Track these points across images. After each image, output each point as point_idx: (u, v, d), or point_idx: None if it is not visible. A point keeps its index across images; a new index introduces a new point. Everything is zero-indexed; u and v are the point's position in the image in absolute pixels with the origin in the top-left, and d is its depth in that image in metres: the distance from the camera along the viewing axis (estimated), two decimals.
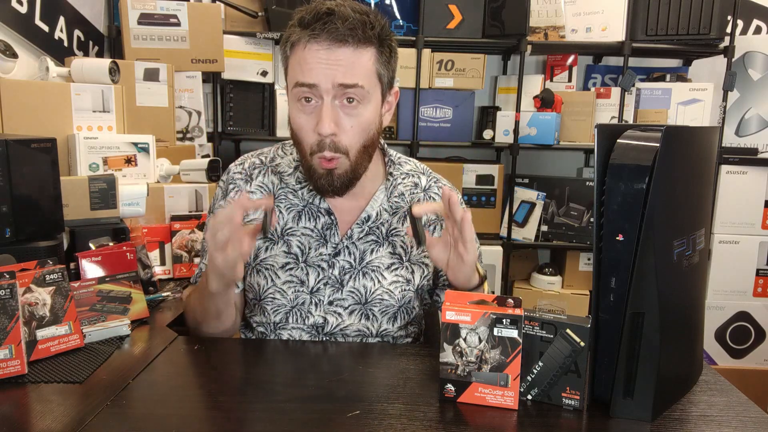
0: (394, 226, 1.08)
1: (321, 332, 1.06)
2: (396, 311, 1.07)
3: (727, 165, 2.35)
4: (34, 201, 1.06)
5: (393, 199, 1.09)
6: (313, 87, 0.93)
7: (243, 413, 0.75)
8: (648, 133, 0.73)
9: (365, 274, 1.06)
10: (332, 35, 0.91)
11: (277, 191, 1.08)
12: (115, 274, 1.07)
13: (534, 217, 2.47)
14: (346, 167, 0.98)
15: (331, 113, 0.94)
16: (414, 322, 1.13)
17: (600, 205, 0.74)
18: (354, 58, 0.93)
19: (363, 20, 0.93)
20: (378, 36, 0.95)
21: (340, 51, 0.92)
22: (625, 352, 0.74)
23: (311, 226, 1.06)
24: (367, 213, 1.07)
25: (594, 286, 0.76)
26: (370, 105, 0.98)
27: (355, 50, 0.93)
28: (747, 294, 2.42)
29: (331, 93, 0.93)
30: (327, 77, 0.92)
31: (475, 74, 2.39)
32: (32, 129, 1.37)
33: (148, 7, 2.05)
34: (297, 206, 1.07)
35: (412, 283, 1.08)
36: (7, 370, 0.82)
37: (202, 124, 2.23)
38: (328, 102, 0.94)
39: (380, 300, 1.06)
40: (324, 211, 1.06)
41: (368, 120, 0.98)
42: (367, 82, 0.95)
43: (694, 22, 2.23)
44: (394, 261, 1.07)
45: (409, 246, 1.08)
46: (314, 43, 0.92)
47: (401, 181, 1.11)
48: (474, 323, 0.75)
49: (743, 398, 0.81)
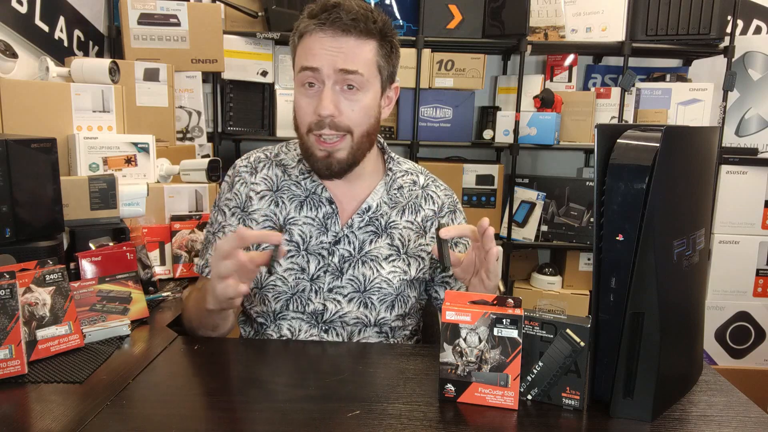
0: (393, 218, 1.11)
1: (320, 320, 1.07)
2: (393, 300, 1.09)
3: (727, 165, 2.35)
4: (34, 201, 1.06)
5: (392, 192, 1.13)
6: (315, 71, 0.99)
7: (243, 413, 0.75)
8: (648, 133, 0.73)
9: (364, 262, 1.08)
10: (336, 25, 0.98)
11: (281, 183, 1.12)
12: (115, 274, 1.07)
13: (534, 217, 2.47)
14: (348, 149, 1.03)
15: (332, 96, 0.99)
16: (411, 314, 1.14)
17: (600, 205, 0.74)
18: (356, 47, 0.99)
19: (366, 15, 0.99)
20: (380, 30, 1.01)
21: (343, 40, 0.98)
22: (625, 352, 0.74)
23: (312, 215, 1.09)
24: (367, 203, 1.10)
25: (594, 286, 0.76)
26: (369, 93, 1.02)
27: (358, 40, 0.99)
28: (747, 294, 2.42)
29: (332, 78, 0.99)
30: (329, 62, 0.98)
31: (475, 74, 2.39)
32: (32, 129, 1.37)
33: (148, 7, 2.05)
34: (299, 196, 1.10)
35: (409, 274, 1.10)
36: (7, 370, 0.82)
37: (202, 124, 2.23)
38: (329, 86, 0.99)
39: (378, 288, 1.08)
40: (326, 201, 1.09)
41: (368, 105, 1.02)
42: (367, 71, 1.00)
43: (694, 22, 2.23)
44: (392, 252, 1.10)
45: (407, 240, 1.11)
46: (320, 31, 0.99)
47: (400, 176, 1.15)
48: (474, 323, 0.75)
49: (743, 398, 0.81)
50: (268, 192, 1.11)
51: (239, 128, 2.39)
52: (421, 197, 1.15)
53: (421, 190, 1.16)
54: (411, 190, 1.15)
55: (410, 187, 1.15)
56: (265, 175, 1.12)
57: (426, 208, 1.14)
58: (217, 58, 2.14)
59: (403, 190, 1.14)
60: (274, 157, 1.15)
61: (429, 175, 1.19)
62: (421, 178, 1.17)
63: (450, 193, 1.19)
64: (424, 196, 1.15)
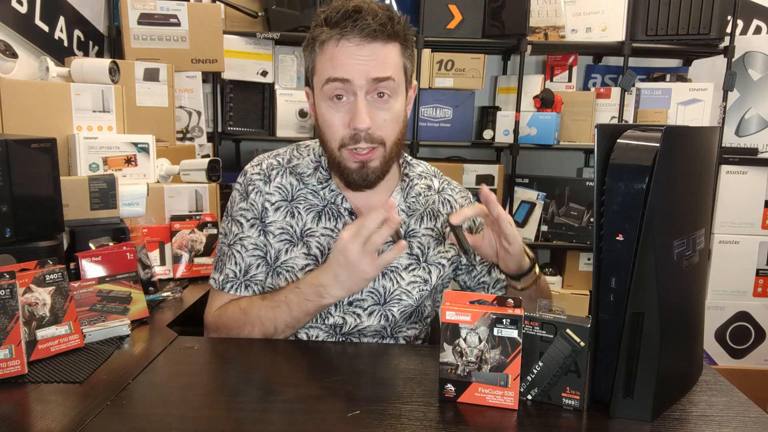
0: (412, 227, 1.09)
1: (339, 332, 1.06)
2: (413, 311, 1.08)
3: (727, 165, 2.35)
4: (34, 201, 1.06)
5: (410, 200, 1.10)
6: (346, 82, 0.94)
7: (243, 413, 0.75)
8: (648, 133, 0.73)
9: (384, 274, 1.06)
10: (364, 32, 0.93)
11: (296, 192, 1.07)
12: (115, 274, 1.07)
13: (534, 217, 2.47)
14: (381, 159, 1.00)
15: (367, 108, 0.95)
16: (425, 321, 1.14)
17: (600, 205, 0.74)
18: (384, 53, 0.95)
19: (390, 15, 0.95)
20: (403, 30, 0.97)
21: (370, 47, 0.94)
22: (625, 352, 0.74)
23: (331, 226, 1.06)
24: None
25: (594, 286, 0.76)
26: (400, 98, 1.00)
27: (385, 45, 0.95)
28: (747, 294, 2.41)
29: (364, 88, 0.95)
30: (360, 72, 0.94)
31: (475, 74, 2.39)
32: (32, 129, 1.37)
33: (148, 7, 2.05)
34: (317, 206, 1.07)
35: (429, 283, 1.08)
36: (7, 370, 0.82)
37: (202, 124, 2.23)
38: (362, 97, 0.95)
39: (398, 300, 1.06)
40: (346, 211, 1.06)
41: (399, 112, 1.00)
42: (397, 75, 0.97)
43: (694, 22, 2.23)
44: (411, 262, 1.07)
45: (426, 247, 1.08)
46: (345, 40, 0.93)
47: (416, 182, 1.12)
48: (474, 323, 0.75)
49: (743, 398, 0.81)
50: (284, 203, 1.06)
51: (239, 128, 2.39)
52: (438, 202, 1.12)
53: (437, 195, 1.13)
54: (427, 195, 1.12)
55: (426, 192, 1.12)
56: (279, 184, 1.07)
57: (444, 213, 1.12)
58: (217, 58, 2.14)
59: (420, 197, 1.11)
60: (287, 164, 1.09)
61: (443, 178, 1.17)
62: (436, 182, 1.15)
63: (466, 194, 1.17)
64: (441, 200, 1.13)
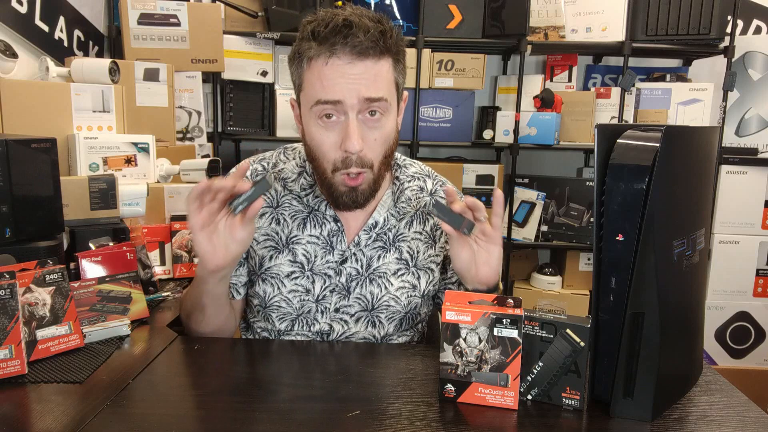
0: (401, 231, 1.06)
1: (326, 338, 1.06)
2: (402, 317, 1.07)
3: (727, 165, 2.35)
4: (34, 201, 1.06)
5: (400, 205, 1.08)
6: (337, 104, 0.90)
7: (243, 413, 0.75)
8: (648, 133, 0.73)
9: (372, 280, 1.04)
10: (356, 49, 0.88)
11: (281, 198, 1.06)
12: (115, 274, 1.07)
13: (534, 217, 2.47)
14: (370, 181, 0.97)
15: (358, 130, 0.91)
16: (417, 327, 1.13)
17: (600, 205, 0.74)
18: (375, 71, 0.90)
19: (382, 30, 0.90)
20: (395, 45, 0.93)
21: (361, 64, 0.89)
22: (625, 352, 0.74)
23: (317, 233, 1.04)
24: (374, 219, 1.05)
25: (594, 286, 0.76)
26: (391, 115, 0.96)
27: (376, 62, 0.90)
28: (747, 294, 2.42)
29: (356, 108, 0.90)
30: (351, 93, 0.89)
31: (475, 74, 2.39)
32: (32, 129, 1.37)
33: (148, 7, 2.05)
34: (302, 213, 1.05)
35: (418, 289, 1.07)
36: (7, 370, 0.82)
37: (202, 124, 2.23)
38: (353, 117, 0.91)
39: (387, 306, 1.05)
40: (330, 218, 1.04)
41: (390, 130, 0.96)
42: (389, 94, 0.93)
43: (694, 22, 2.23)
44: (400, 267, 1.06)
45: (415, 251, 1.07)
46: (335, 58, 0.88)
47: (408, 185, 1.10)
48: (474, 323, 0.75)
49: (743, 398, 0.81)
50: (268, 209, 1.05)
51: (239, 128, 2.39)
52: (429, 204, 1.09)
53: (430, 197, 1.10)
54: (419, 197, 1.09)
55: (417, 194, 1.09)
56: None
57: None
58: (217, 58, 2.14)
59: (411, 201, 1.08)
60: (272, 168, 1.07)
61: (437, 178, 1.13)
62: (429, 183, 1.11)
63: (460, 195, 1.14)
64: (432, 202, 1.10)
